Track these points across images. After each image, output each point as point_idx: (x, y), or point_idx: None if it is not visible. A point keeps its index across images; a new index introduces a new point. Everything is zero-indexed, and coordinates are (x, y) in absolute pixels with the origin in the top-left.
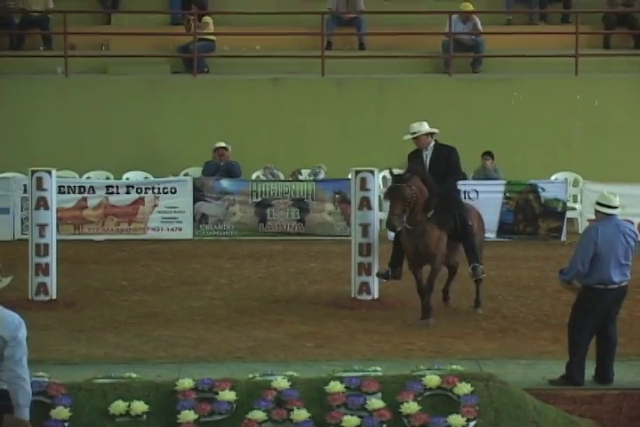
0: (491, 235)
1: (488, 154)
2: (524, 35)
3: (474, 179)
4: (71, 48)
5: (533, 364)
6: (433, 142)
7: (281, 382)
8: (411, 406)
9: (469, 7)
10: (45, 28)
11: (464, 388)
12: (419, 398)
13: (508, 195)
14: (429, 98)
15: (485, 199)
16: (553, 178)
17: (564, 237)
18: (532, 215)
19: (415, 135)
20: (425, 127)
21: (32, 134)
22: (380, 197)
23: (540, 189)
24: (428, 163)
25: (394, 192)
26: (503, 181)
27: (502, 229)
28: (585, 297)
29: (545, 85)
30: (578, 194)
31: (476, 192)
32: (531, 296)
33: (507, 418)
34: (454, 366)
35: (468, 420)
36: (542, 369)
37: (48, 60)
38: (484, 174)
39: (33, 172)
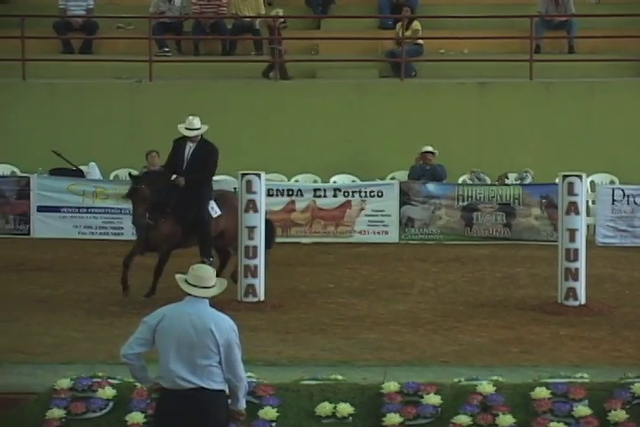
0: None
1: None
2: None
3: None
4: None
5: None
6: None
7: (486, 387)
8: (618, 415)
9: None
10: (257, 33)
11: None
12: (627, 407)
13: None
14: None
15: None
16: None
17: None
18: None
19: (194, 133)
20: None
21: (243, 138)
22: (587, 202)
23: None
24: (189, 154)
25: (134, 195)
26: None
27: None
28: None
29: None
30: None
31: None
32: None
33: None
34: None
35: None
36: None
37: (259, 64)
38: None
39: (243, 175)
